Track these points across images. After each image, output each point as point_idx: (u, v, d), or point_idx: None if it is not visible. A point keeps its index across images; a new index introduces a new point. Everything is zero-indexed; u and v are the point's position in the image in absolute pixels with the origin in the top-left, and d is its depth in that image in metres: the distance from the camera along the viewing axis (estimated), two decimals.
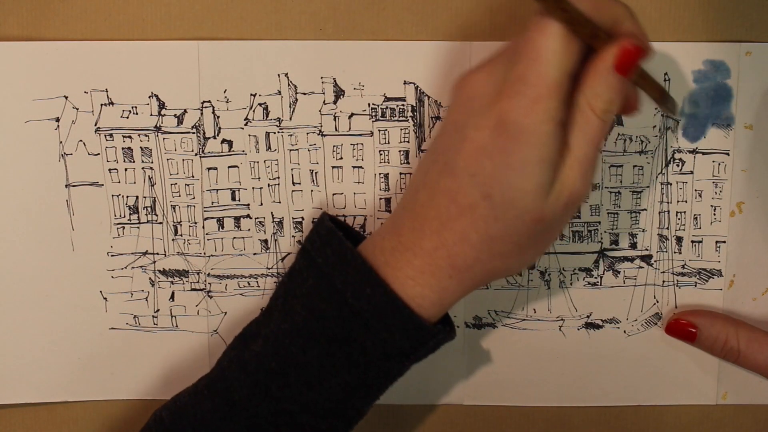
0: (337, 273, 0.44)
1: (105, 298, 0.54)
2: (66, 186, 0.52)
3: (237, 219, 0.53)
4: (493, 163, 0.41)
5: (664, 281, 0.54)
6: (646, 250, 0.53)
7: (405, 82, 0.52)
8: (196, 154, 0.52)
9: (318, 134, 0.52)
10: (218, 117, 0.52)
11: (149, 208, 0.53)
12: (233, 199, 0.53)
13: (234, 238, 0.53)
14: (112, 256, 0.53)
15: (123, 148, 0.52)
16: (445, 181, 0.43)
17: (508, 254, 0.43)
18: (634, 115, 0.48)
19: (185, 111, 0.52)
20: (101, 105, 0.52)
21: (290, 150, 0.52)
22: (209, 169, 0.52)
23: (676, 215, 0.53)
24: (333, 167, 0.52)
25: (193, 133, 0.52)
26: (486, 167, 0.41)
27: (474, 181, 0.42)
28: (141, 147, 0.52)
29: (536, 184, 0.41)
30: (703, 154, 0.52)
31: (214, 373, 0.48)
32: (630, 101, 0.45)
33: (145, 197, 0.53)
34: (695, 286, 0.53)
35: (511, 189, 0.41)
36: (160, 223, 0.53)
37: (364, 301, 0.43)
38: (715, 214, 0.53)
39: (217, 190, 0.53)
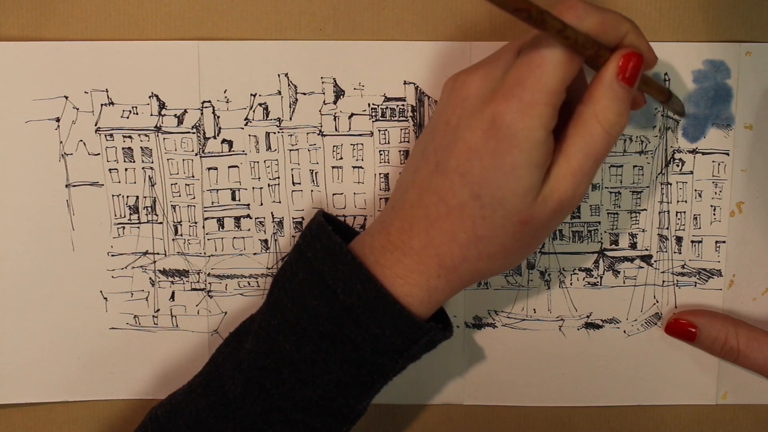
0: (327, 268, 0.44)
1: (105, 298, 0.54)
2: (66, 186, 0.52)
3: (237, 219, 0.53)
4: (483, 165, 0.41)
5: (664, 281, 0.54)
6: (646, 250, 0.53)
7: (405, 82, 0.52)
8: (196, 154, 0.52)
9: (318, 134, 0.52)
10: (218, 117, 0.52)
11: (149, 208, 0.53)
12: (233, 199, 0.53)
13: (234, 238, 0.53)
14: (113, 256, 0.53)
15: (123, 148, 0.52)
16: (436, 181, 0.43)
17: (495, 255, 0.43)
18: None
19: (185, 111, 0.52)
20: (101, 105, 0.52)
21: (290, 150, 0.52)
22: (209, 169, 0.52)
23: (676, 215, 0.53)
24: (333, 167, 0.53)
25: (193, 133, 0.52)
26: (476, 168, 0.41)
27: (464, 181, 0.42)
28: (141, 147, 0.52)
29: (525, 187, 0.41)
30: (703, 154, 0.52)
31: (208, 370, 0.48)
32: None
33: (145, 197, 0.53)
34: (695, 286, 0.53)
35: (500, 190, 0.41)
36: (161, 223, 0.53)
37: (355, 297, 0.43)
38: (715, 214, 0.53)
39: (217, 190, 0.53)
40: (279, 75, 0.52)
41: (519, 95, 0.40)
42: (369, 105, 0.52)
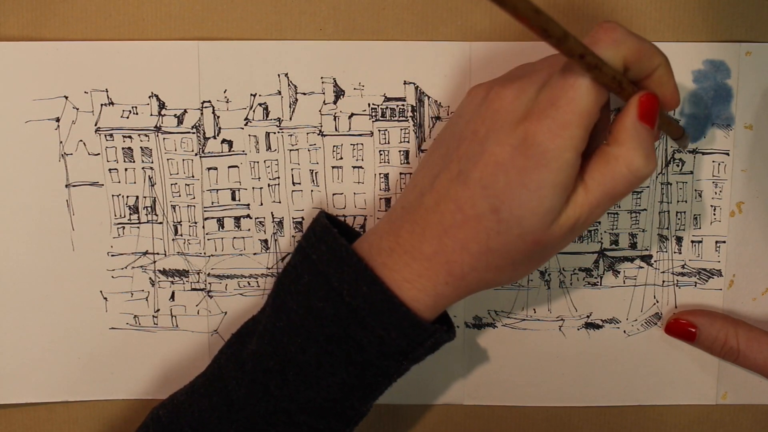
0: (332, 270, 0.44)
1: (105, 298, 0.54)
2: (66, 186, 0.52)
3: (237, 219, 0.53)
4: (508, 180, 0.41)
5: (664, 281, 0.54)
6: (646, 250, 0.53)
7: (405, 82, 0.52)
8: (196, 154, 0.52)
9: (318, 134, 0.52)
10: (218, 117, 0.52)
11: (149, 208, 0.53)
12: (233, 199, 0.53)
13: (234, 238, 0.53)
14: (113, 256, 0.53)
15: (123, 148, 0.52)
16: (456, 189, 0.43)
17: (503, 268, 0.43)
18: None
19: (185, 111, 0.52)
20: (101, 105, 0.52)
21: (290, 150, 0.52)
22: (209, 169, 0.52)
23: (676, 215, 0.53)
24: (333, 167, 0.53)
25: (193, 133, 0.52)
26: (500, 182, 0.41)
27: (485, 194, 0.42)
28: (141, 147, 0.52)
29: (546, 208, 0.41)
30: (703, 154, 0.52)
31: (211, 371, 0.48)
32: None
33: (145, 197, 0.53)
34: (695, 286, 0.53)
35: (521, 208, 0.41)
36: (160, 223, 0.53)
37: (361, 299, 0.43)
38: (715, 214, 0.53)
39: (217, 190, 0.53)
40: (279, 75, 0.52)
41: (552, 115, 0.40)
42: (369, 105, 0.52)
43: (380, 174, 0.53)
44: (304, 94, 0.52)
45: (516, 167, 0.41)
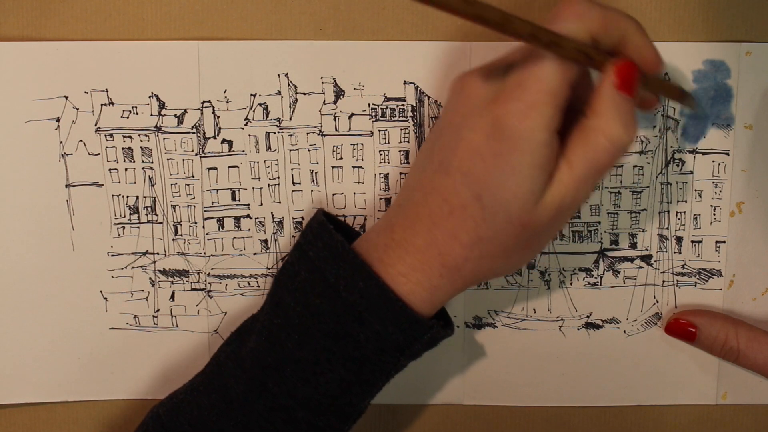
0: (328, 266, 0.44)
1: (105, 298, 0.54)
2: (66, 186, 0.52)
3: (237, 219, 0.53)
4: (486, 165, 0.41)
5: (664, 281, 0.54)
6: (646, 250, 0.53)
7: (405, 82, 0.52)
8: (196, 154, 0.52)
9: (318, 134, 0.52)
10: (218, 117, 0.52)
11: (149, 208, 0.53)
12: (233, 199, 0.53)
13: (234, 238, 0.53)
14: (113, 256, 0.53)
15: (123, 148, 0.52)
16: (439, 180, 0.43)
17: (496, 256, 0.43)
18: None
19: (185, 111, 0.52)
20: (101, 105, 0.52)
21: (290, 150, 0.52)
22: (209, 169, 0.52)
23: (676, 215, 0.53)
24: (333, 167, 0.53)
25: (193, 133, 0.52)
26: (478, 168, 0.41)
27: (466, 181, 0.42)
28: (141, 147, 0.52)
29: (526, 190, 0.41)
30: (703, 154, 0.52)
31: (210, 369, 0.48)
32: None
33: (145, 197, 0.53)
34: (695, 286, 0.53)
35: (502, 191, 0.41)
36: (161, 223, 0.53)
37: (357, 294, 0.43)
38: (715, 214, 0.53)
39: (217, 190, 0.53)
40: (279, 75, 0.52)
41: (519, 97, 0.40)
42: (369, 105, 0.52)
43: (380, 174, 0.53)
44: (304, 94, 0.52)
45: (491, 152, 0.41)
